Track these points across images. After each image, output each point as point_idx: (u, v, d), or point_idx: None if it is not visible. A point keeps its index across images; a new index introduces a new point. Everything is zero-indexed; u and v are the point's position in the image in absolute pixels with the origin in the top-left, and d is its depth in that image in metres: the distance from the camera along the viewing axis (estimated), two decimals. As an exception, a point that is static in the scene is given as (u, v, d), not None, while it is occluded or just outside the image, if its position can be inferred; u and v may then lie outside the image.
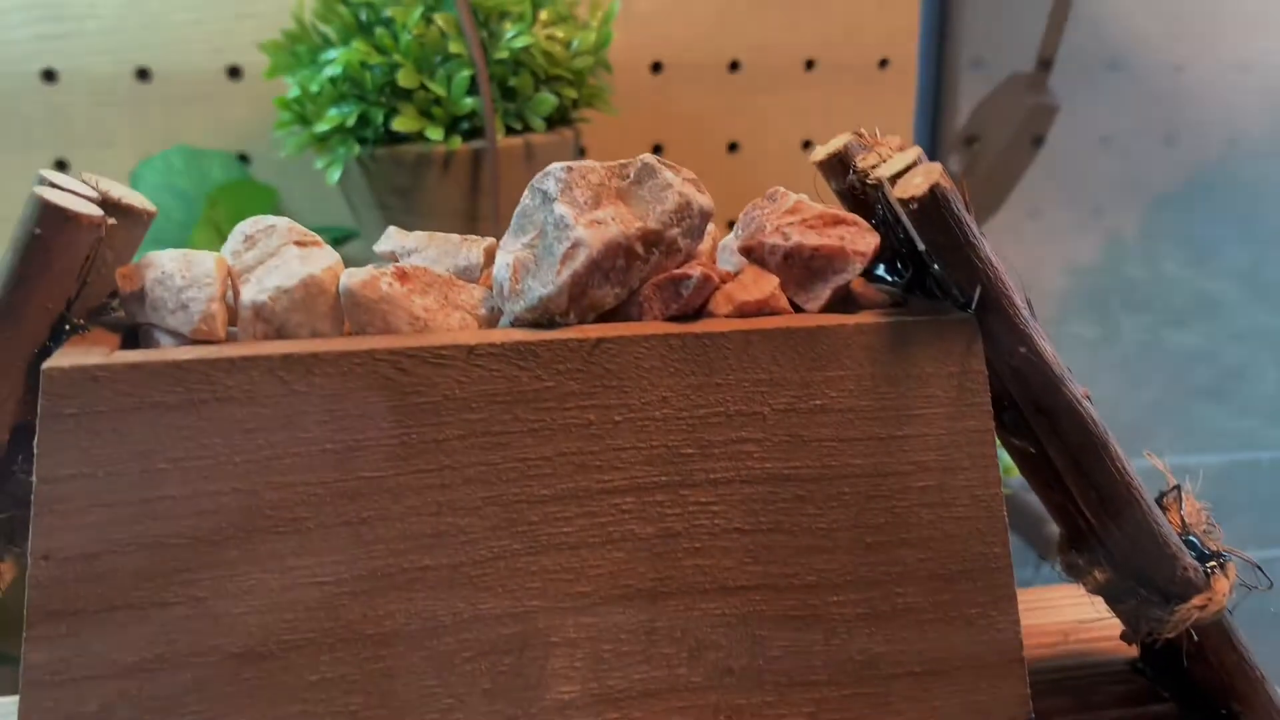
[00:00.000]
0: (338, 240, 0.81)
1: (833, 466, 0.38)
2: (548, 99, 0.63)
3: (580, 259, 0.36)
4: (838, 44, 0.86)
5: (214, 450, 0.34)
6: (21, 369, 0.36)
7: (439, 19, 0.61)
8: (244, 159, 0.79)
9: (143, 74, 0.78)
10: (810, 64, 0.86)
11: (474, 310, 0.38)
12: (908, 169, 0.38)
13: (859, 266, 0.38)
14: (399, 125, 0.61)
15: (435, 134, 0.61)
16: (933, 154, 0.92)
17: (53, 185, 0.36)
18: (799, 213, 0.40)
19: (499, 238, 0.65)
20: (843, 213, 0.40)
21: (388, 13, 0.63)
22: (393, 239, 0.42)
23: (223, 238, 0.72)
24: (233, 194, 0.73)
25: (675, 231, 0.38)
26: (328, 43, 0.65)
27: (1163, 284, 0.95)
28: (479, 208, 0.64)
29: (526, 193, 0.39)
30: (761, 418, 0.37)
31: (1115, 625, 0.45)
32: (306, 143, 0.64)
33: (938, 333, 0.38)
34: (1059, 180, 0.91)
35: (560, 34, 0.65)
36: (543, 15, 0.65)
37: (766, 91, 0.86)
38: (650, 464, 0.37)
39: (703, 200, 0.38)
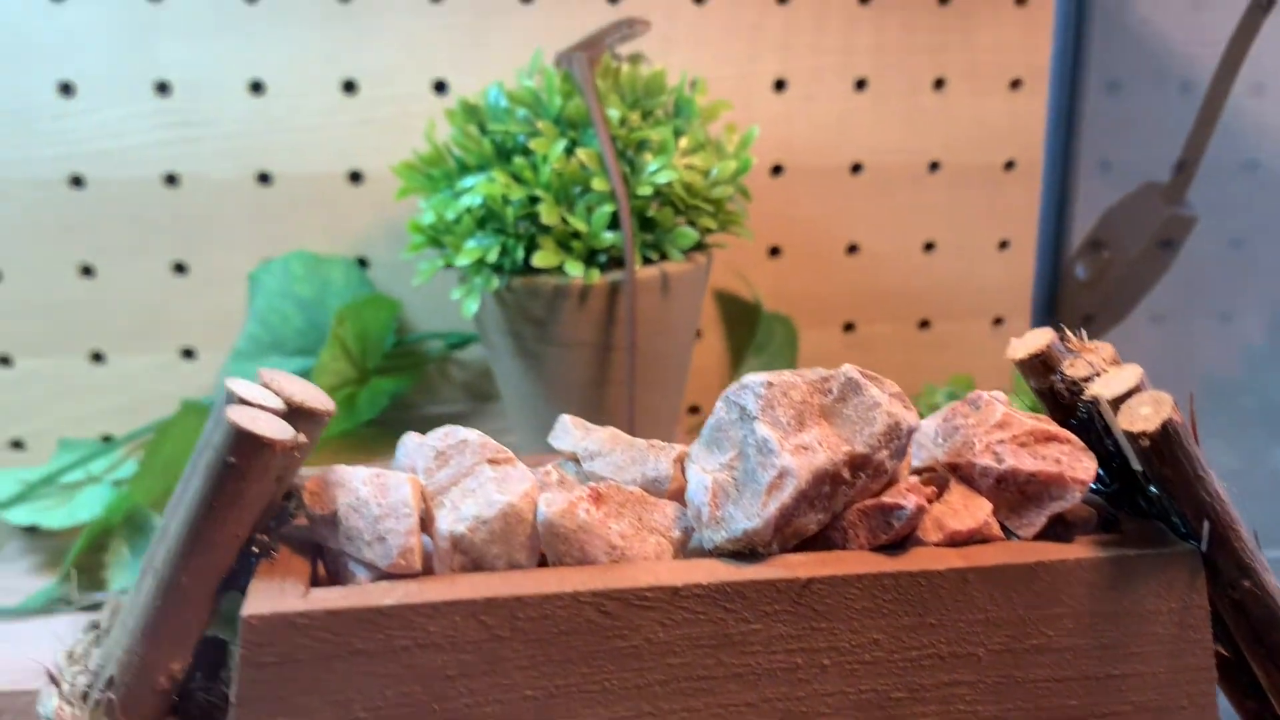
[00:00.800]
0: (455, 345, 0.80)
1: (1046, 708, 0.36)
2: (689, 234, 0.61)
3: (788, 490, 0.35)
4: (963, 146, 0.84)
5: (414, 698, 0.33)
6: (209, 597, 0.35)
7: (580, 153, 0.60)
8: (362, 263, 0.79)
9: (264, 178, 0.77)
10: (934, 165, 0.84)
11: (668, 532, 0.37)
12: (1130, 393, 0.36)
13: (1078, 495, 0.36)
14: (539, 261, 0.59)
15: (575, 269, 0.59)
16: (1058, 258, 0.90)
17: (240, 400, 0.35)
18: (1008, 428, 0.38)
19: (634, 371, 0.64)
20: (1054, 428, 0.38)
21: (524, 138, 0.62)
22: (571, 435, 0.40)
23: (349, 355, 0.71)
24: (358, 311, 0.73)
25: (883, 455, 0.36)
26: (463, 167, 0.64)
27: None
28: (613, 338, 0.63)
29: (721, 404, 0.37)
30: (976, 659, 0.35)
31: None
32: (440, 268, 0.63)
33: (1161, 566, 0.36)
34: (1185, 284, 0.88)
35: (699, 163, 0.63)
36: (682, 143, 0.63)
37: (888, 193, 0.84)
38: (858, 709, 0.35)
39: (910, 419, 0.36)
